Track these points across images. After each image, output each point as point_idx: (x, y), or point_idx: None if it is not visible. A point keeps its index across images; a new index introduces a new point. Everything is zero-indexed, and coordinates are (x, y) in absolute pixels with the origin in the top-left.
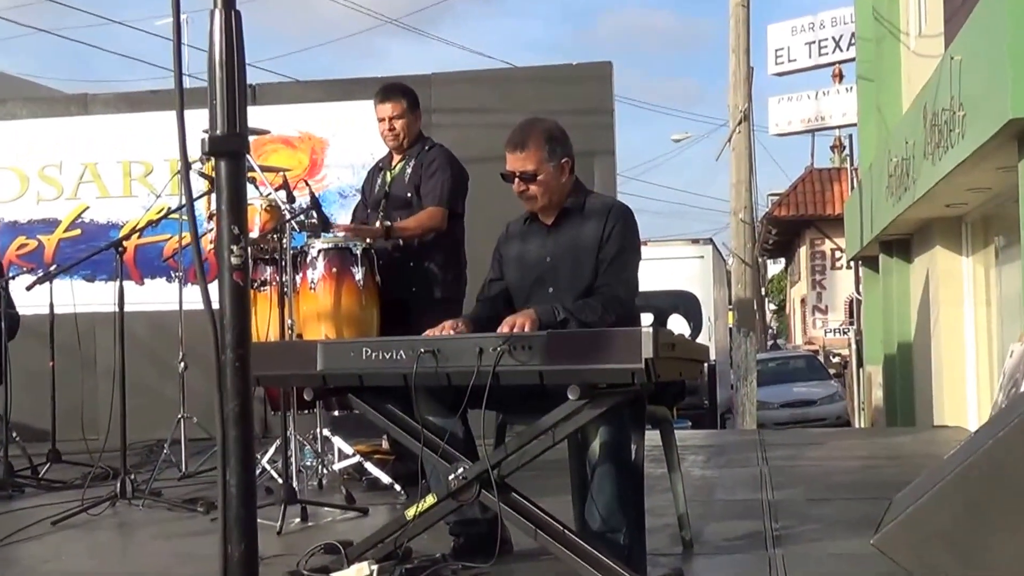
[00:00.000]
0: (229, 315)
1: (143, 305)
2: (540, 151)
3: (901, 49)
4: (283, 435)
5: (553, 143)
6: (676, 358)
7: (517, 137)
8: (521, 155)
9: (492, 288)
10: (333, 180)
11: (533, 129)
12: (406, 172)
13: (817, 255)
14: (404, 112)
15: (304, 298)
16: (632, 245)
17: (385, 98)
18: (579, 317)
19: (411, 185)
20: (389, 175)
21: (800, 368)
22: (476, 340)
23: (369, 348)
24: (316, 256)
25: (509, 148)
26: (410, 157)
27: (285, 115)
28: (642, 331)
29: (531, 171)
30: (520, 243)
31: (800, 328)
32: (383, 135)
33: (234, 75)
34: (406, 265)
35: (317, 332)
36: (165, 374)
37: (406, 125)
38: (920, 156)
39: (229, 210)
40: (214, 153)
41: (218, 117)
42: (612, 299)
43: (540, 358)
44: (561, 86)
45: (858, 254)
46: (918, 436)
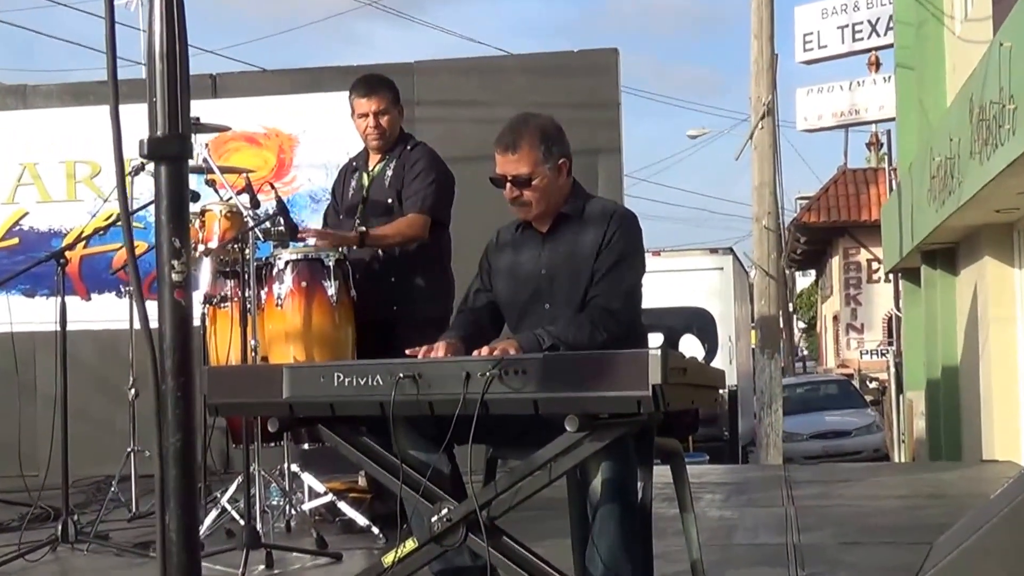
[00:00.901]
0: (169, 338)
1: (89, 323)
2: (535, 152)
3: (945, 34)
4: (246, 471)
5: (549, 142)
6: (688, 384)
7: (508, 137)
8: (513, 157)
9: (477, 299)
10: (303, 182)
11: (526, 127)
12: (386, 174)
13: (851, 267)
14: (389, 107)
15: (269, 316)
16: (632, 253)
17: (369, 92)
18: (565, 339)
19: (392, 189)
20: (367, 177)
21: (832, 395)
22: (462, 364)
23: (342, 373)
24: (283, 268)
25: (499, 149)
26: (390, 157)
27: (249, 109)
28: (649, 354)
29: (525, 175)
30: (512, 253)
31: (832, 349)
32: (365, 133)
33: (176, 68)
34: (386, 279)
35: (284, 355)
36: (114, 401)
37: (391, 122)
38: (966, 155)
39: (169, 221)
40: (153, 157)
41: (158, 116)
42: (603, 313)
43: (535, 384)
44: (561, 76)
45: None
46: (965, 472)
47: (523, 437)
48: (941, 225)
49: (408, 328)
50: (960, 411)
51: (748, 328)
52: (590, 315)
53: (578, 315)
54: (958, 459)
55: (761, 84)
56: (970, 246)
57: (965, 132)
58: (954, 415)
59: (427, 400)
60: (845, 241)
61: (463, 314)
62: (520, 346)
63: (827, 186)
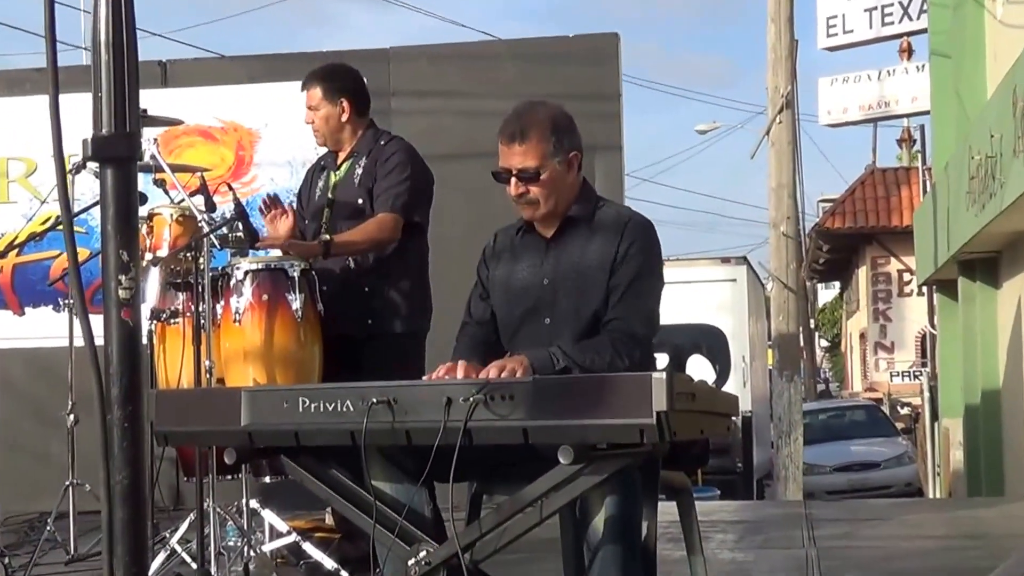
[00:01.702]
0: (116, 363)
1: (23, 340)
2: (544, 143)
3: (985, 18)
4: (199, 508)
5: (560, 133)
6: (697, 411)
7: (515, 125)
8: (521, 148)
9: (480, 309)
10: (265, 182)
11: (535, 115)
12: (356, 172)
13: (880, 278)
14: (323, 103)
15: (226, 333)
16: (653, 269)
17: (304, 83)
18: (582, 363)
19: (363, 189)
20: (334, 177)
21: (859, 422)
22: (442, 388)
23: (308, 397)
24: (242, 279)
25: (504, 139)
26: (359, 154)
27: (204, 100)
28: (653, 377)
29: (533, 168)
30: (511, 259)
31: (859, 371)
32: None
33: (124, 59)
34: (358, 291)
35: (242, 377)
36: (50, 428)
37: (324, 119)
38: (1009, 153)
39: (117, 231)
40: (98, 158)
41: (104, 112)
42: (626, 338)
43: (524, 410)
44: (555, 64)
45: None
46: (1007, 509)
47: (511, 470)
48: (981, 232)
49: (380, 345)
50: (1002, 441)
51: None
52: (612, 340)
53: (598, 338)
54: (1000, 494)
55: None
56: (1014, 255)
57: (1008, 127)
58: (996, 445)
59: (403, 428)
60: (873, 249)
61: (468, 329)
62: (531, 365)
63: (853, 188)
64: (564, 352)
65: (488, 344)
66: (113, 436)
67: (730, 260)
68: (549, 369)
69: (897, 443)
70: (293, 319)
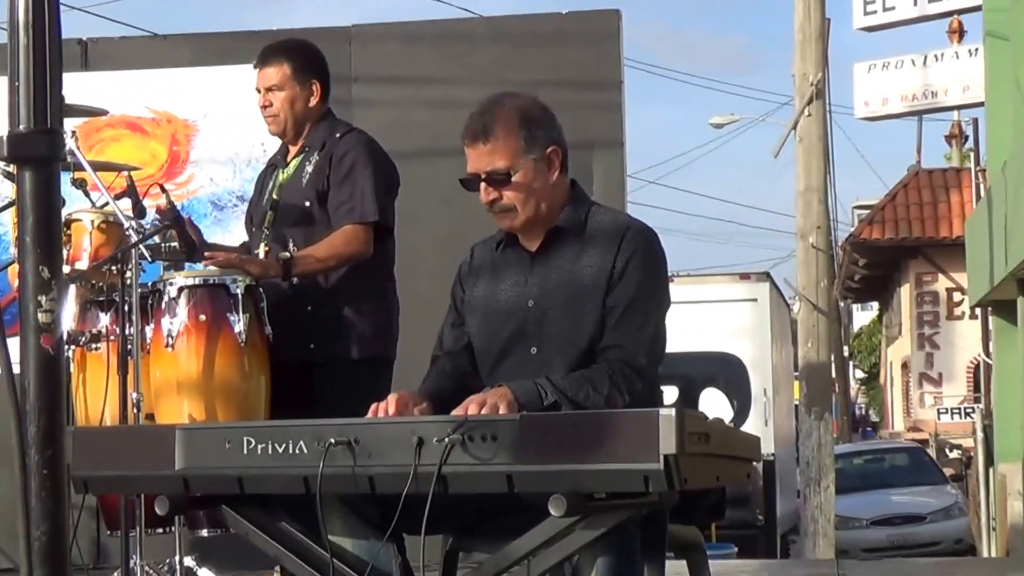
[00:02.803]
0: (34, 399)
1: None
2: (513, 138)
3: None
4: (124, 566)
5: (532, 126)
6: (712, 454)
7: (478, 122)
8: (486, 147)
9: (453, 337)
10: (204, 183)
11: (500, 108)
12: (305, 171)
13: (926, 298)
14: (287, 81)
15: (157, 360)
16: (657, 286)
17: (261, 61)
18: (575, 398)
19: (311, 190)
20: (282, 175)
21: (901, 467)
22: (413, 426)
23: (254, 437)
24: (176, 297)
25: (468, 140)
26: (311, 149)
27: (132, 85)
28: (660, 414)
29: (502, 169)
30: (490, 279)
31: (900, 407)
32: (263, 117)
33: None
34: (302, 308)
35: (177, 412)
36: None
37: (289, 101)
38: None
39: (37, 243)
40: (15, 159)
41: (21, 106)
42: (626, 369)
43: (509, 453)
44: (545, 45)
45: (987, 297)
46: None
47: (493, 523)
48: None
49: (337, 372)
50: None
51: (790, 379)
52: (610, 371)
53: (593, 369)
54: None
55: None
56: None
57: None
58: None
59: (366, 474)
60: (918, 264)
61: (440, 362)
62: (516, 399)
63: (894, 192)
64: (553, 384)
65: (463, 376)
66: (31, 484)
67: (750, 276)
68: (536, 404)
69: (945, 492)
70: (236, 344)
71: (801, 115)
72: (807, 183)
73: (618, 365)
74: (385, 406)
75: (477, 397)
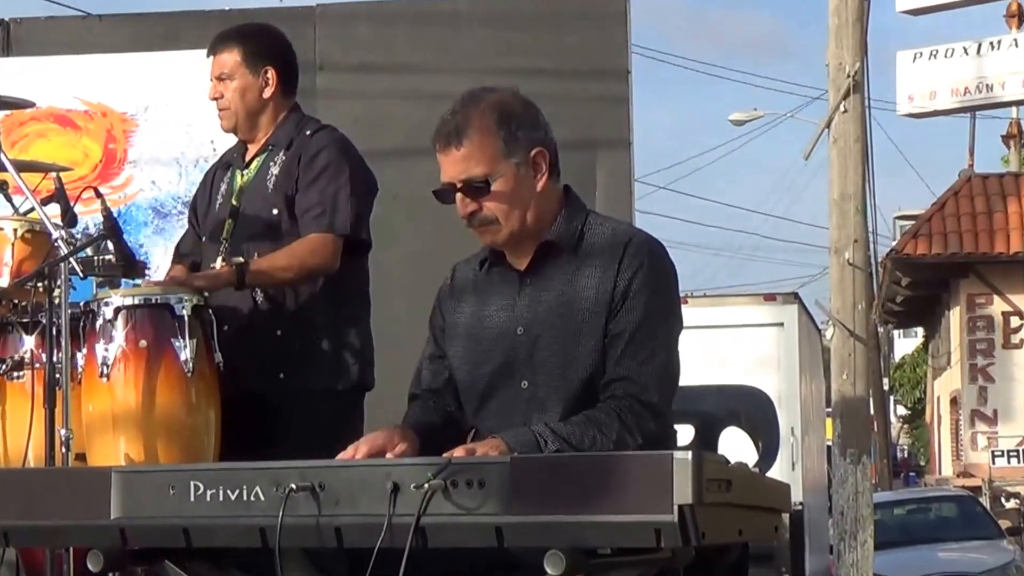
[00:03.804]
0: None
1: None
2: (491, 139)
3: None
4: None
5: (512, 124)
6: (734, 504)
7: (450, 123)
8: (460, 152)
9: (432, 372)
10: (145, 186)
11: (475, 106)
12: (270, 173)
13: (979, 324)
14: (237, 69)
15: (91, 392)
16: (667, 308)
17: (211, 48)
18: (580, 446)
19: (279, 195)
20: (241, 178)
21: (950, 518)
22: (386, 469)
23: (202, 481)
24: (112, 319)
25: (440, 144)
26: (276, 147)
27: (62, 73)
28: (674, 457)
29: (480, 176)
30: (474, 302)
31: (949, 449)
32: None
33: None
34: (269, 333)
35: (111, 452)
36: None
37: (239, 92)
38: None
39: None
40: None
41: None
42: (636, 406)
43: (498, 502)
44: (539, 29)
45: None
46: None
47: None
48: None
49: (301, 406)
50: None
51: (822, 416)
52: (618, 409)
53: (599, 409)
54: None
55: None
56: None
57: None
58: None
59: (333, 524)
60: (970, 284)
61: (419, 402)
62: (509, 447)
63: (943, 200)
64: (554, 431)
65: (445, 418)
66: None
67: (776, 297)
68: (533, 452)
69: (1001, 548)
70: (181, 373)
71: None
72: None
73: (627, 402)
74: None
75: (462, 448)
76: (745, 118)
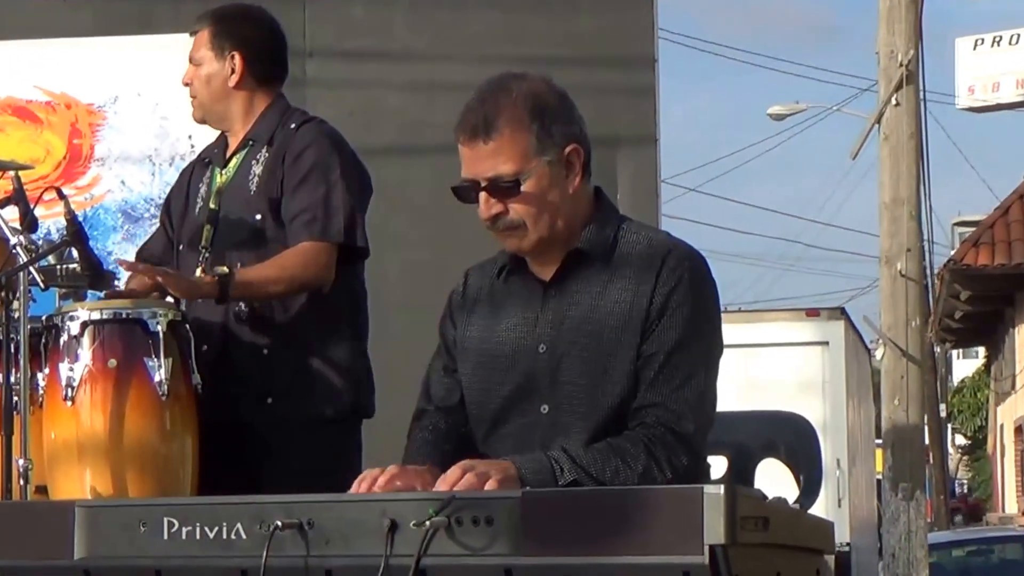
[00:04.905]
0: None
1: None
2: (523, 134)
3: None
4: None
5: (546, 117)
6: (771, 545)
7: (477, 113)
8: (487, 146)
9: (445, 387)
10: (113, 186)
11: (507, 95)
12: (252, 171)
13: None
14: (203, 52)
15: (54, 417)
16: (706, 329)
17: (192, 27)
18: (600, 477)
19: (262, 197)
20: (220, 178)
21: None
22: (382, 505)
23: (177, 518)
24: (78, 335)
25: (465, 136)
26: (258, 142)
27: (20, 60)
28: (705, 492)
29: (509, 175)
30: (489, 315)
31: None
32: None
33: None
34: (254, 351)
35: (75, 484)
36: None
37: (205, 79)
38: None
39: None
40: None
41: None
42: (668, 436)
43: (508, 541)
44: (555, 12)
45: None
46: None
47: None
48: None
49: (289, 437)
50: None
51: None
52: (647, 439)
53: (625, 437)
54: None
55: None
56: None
57: None
58: None
59: (323, 567)
60: None
61: (429, 419)
62: (521, 477)
63: (1007, 205)
64: (572, 458)
65: (457, 441)
66: None
67: (820, 313)
68: (550, 484)
69: None
70: (155, 396)
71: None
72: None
73: (658, 431)
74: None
75: (464, 465)
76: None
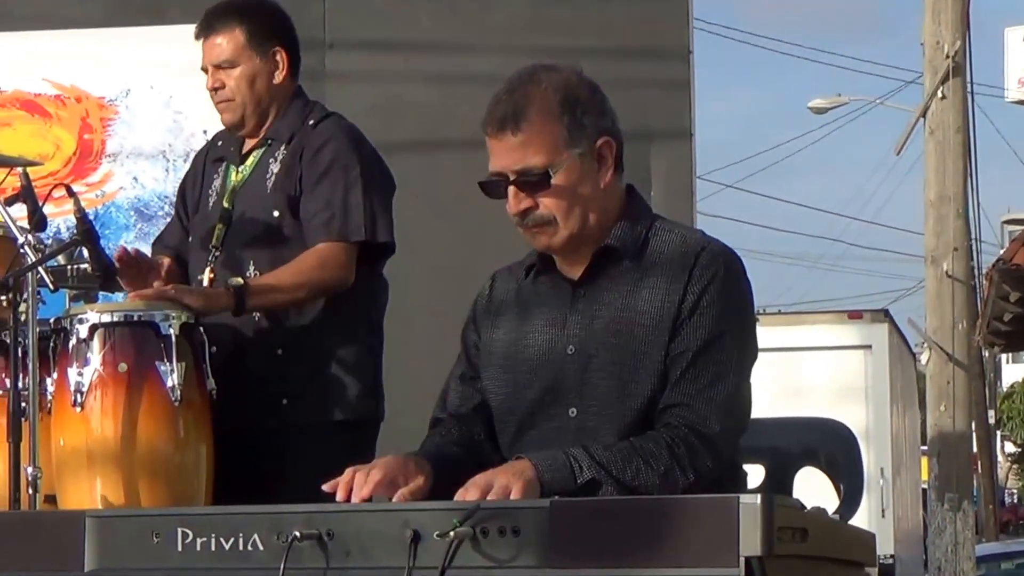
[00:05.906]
0: None
1: None
2: (554, 125)
3: None
4: None
5: (578, 109)
6: (810, 557)
7: (506, 106)
8: (516, 138)
9: (461, 396)
10: (125, 183)
11: (535, 87)
12: (270, 169)
13: None
14: (241, 52)
15: (63, 423)
16: (739, 329)
17: (204, 29)
18: (620, 477)
19: (279, 196)
20: (235, 175)
21: None
22: (405, 515)
23: (191, 529)
24: (88, 339)
25: (493, 128)
26: (276, 140)
27: (29, 52)
28: (740, 502)
29: (539, 168)
30: (517, 317)
31: None
32: (215, 104)
33: None
34: (269, 353)
35: (85, 492)
36: None
37: (247, 80)
38: None
39: None
40: None
41: None
42: (692, 437)
43: (535, 552)
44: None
45: None
46: None
47: None
48: None
49: (308, 443)
50: None
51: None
52: (670, 440)
53: (649, 437)
54: None
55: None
56: None
57: None
58: None
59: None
60: None
61: (443, 425)
62: (538, 476)
63: None
64: (592, 456)
65: (469, 449)
66: None
67: (862, 315)
68: (567, 483)
69: None
70: (167, 402)
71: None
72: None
73: (682, 432)
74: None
75: (480, 478)
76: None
